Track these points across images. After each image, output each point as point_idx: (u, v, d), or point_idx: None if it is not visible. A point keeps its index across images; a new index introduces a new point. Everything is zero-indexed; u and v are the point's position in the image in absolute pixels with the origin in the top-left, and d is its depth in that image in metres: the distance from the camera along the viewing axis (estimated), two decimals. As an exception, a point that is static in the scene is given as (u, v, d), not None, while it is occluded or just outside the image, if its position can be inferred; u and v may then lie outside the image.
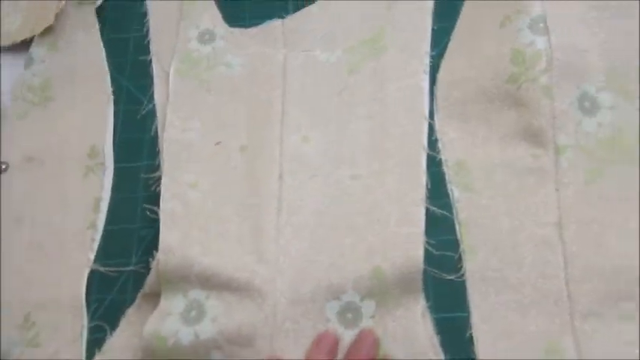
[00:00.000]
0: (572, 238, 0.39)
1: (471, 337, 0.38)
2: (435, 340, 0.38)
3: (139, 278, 0.42)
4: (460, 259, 0.40)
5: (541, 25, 0.43)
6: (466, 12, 0.48)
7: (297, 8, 0.50)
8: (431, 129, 0.44)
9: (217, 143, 0.45)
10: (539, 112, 0.42)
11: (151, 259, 0.40)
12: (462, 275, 0.40)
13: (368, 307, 0.39)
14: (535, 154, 0.42)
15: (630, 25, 0.43)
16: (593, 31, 0.43)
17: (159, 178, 0.44)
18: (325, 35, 0.48)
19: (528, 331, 0.38)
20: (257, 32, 0.50)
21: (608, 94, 0.42)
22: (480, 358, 0.37)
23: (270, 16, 0.51)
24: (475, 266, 0.40)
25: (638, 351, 0.36)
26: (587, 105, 0.42)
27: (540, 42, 0.42)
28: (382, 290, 0.38)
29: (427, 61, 0.46)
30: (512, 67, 0.43)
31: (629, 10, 0.44)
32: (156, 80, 0.49)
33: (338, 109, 0.45)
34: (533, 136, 0.42)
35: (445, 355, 0.38)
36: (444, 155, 0.44)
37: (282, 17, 0.50)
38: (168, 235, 0.40)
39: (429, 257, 0.40)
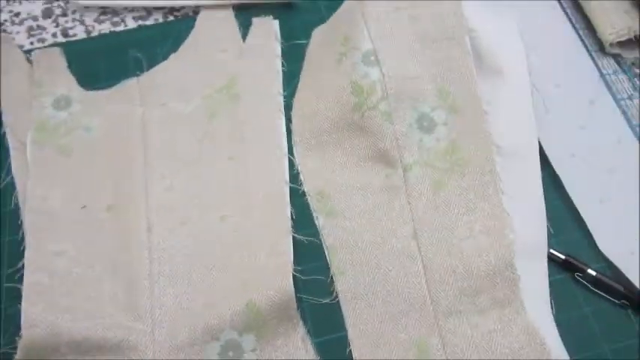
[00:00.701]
0: (427, 245, 0.43)
1: (350, 354, 0.40)
2: (312, 352, 0.40)
3: (7, 360, 0.40)
4: (332, 281, 0.43)
5: (372, 58, 0.47)
6: (310, 53, 0.52)
7: (150, 65, 0.52)
8: (291, 164, 0.47)
9: (83, 207, 0.45)
10: (383, 136, 0.46)
11: (17, 338, 0.39)
12: (336, 297, 0.42)
13: (248, 341, 0.40)
14: (387, 174, 0.46)
15: (451, 52, 0.48)
16: (420, 60, 0.48)
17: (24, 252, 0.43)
18: (180, 87, 0.50)
19: (400, 338, 0.40)
20: (113, 92, 0.50)
21: (442, 111, 0.47)
22: (359, 371, 0.40)
23: (125, 75, 0.52)
24: (346, 286, 0.42)
25: (497, 338, 0.40)
26: (426, 124, 0.47)
27: (374, 73, 0.47)
28: (259, 323, 0.40)
29: (281, 100, 0.49)
30: (354, 97, 0.47)
31: (449, 39, 0.49)
32: (12, 152, 0.48)
33: (200, 154, 0.47)
34: (382, 158, 0.46)
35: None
36: (306, 186, 0.47)
37: (138, 75, 0.51)
38: (30, 309, 0.39)
39: (302, 284, 0.42)
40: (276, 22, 0.53)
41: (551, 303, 0.42)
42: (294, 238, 0.43)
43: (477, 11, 0.50)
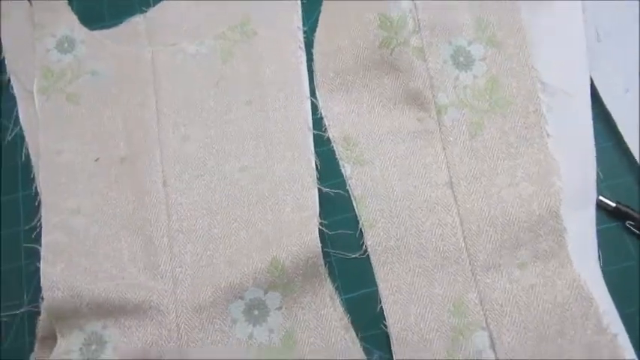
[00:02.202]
0: (464, 194, 0.40)
1: (382, 310, 0.38)
2: (347, 320, 0.38)
3: (35, 319, 0.39)
4: (361, 235, 0.40)
5: (403, -14, 0.42)
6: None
7: (157, 0, 0.48)
8: (314, 107, 0.44)
9: (96, 160, 0.42)
10: (415, 74, 0.42)
11: (42, 298, 0.38)
12: (365, 251, 0.40)
13: (273, 299, 0.38)
14: (419, 117, 0.42)
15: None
16: (457, -16, 0.43)
17: (39, 208, 0.41)
18: (190, 25, 0.46)
19: (434, 293, 0.38)
20: (119, 31, 0.47)
21: (480, 45, 0.42)
22: (391, 329, 0.37)
23: (130, 12, 0.48)
24: (376, 239, 0.40)
25: (539, 293, 0.37)
26: (462, 60, 0.42)
27: (404, 3, 0.42)
28: (284, 280, 0.38)
29: (300, 36, 0.45)
30: (382, 32, 0.42)
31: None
32: (19, 101, 0.45)
33: (216, 100, 0.44)
34: (414, 99, 0.42)
35: (358, 332, 0.38)
36: (331, 132, 0.43)
37: (144, 11, 0.47)
38: (50, 270, 0.38)
39: (329, 239, 0.40)
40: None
41: (599, 254, 0.39)
42: (319, 190, 0.40)
43: None
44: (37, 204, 0.42)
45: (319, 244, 0.38)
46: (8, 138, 0.44)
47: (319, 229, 0.39)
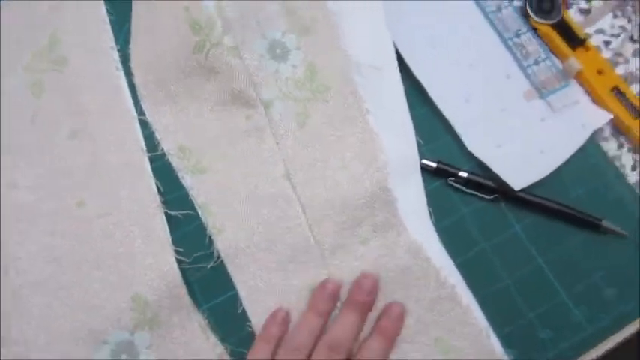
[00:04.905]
0: (302, 183, 0.41)
1: (244, 311, 0.40)
2: (222, 349, 0.39)
3: None
4: (211, 243, 0.41)
5: (205, -11, 0.42)
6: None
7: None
8: (143, 125, 0.43)
9: None
10: (233, 74, 0.42)
11: None
12: (219, 257, 0.40)
13: (141, 338, 0.38)
14: (247, 116, 0.43)
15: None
16: (258, -23, 0.43)
17: None
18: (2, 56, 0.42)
19: (291, 284, 0.40)
20: None
21: (293, 35, 0.43)
22: (255, 327, 0.39)
23: None
24: (226, 244, 0.41)
25: (383, 263, 0.40)
26: (279, 52, 0.43)
27: (210, 5, 0.42)
28: (149, 316, 0.37)
29: (115, 55, 0.43)
30: (194, 36, 0.42)
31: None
32: None
33: (36, 138, 0.41)
34: (239, 98, 0.43)
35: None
36: (164, 145, 0.42)
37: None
38: None
39: (184, 254, 0.40)
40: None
41: (429, 212, 0.42)
42: (166, 213, 0.40)
43: None
44: None
45: (179, 272, 0.38)
46: None
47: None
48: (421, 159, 0.43)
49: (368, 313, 0.38)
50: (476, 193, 0.43)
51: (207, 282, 0.40)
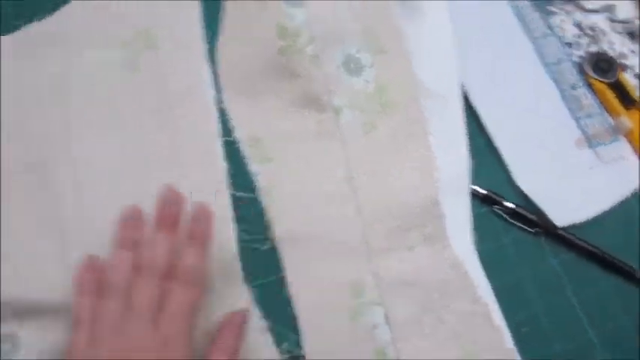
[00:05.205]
0: (361, 187, 0.44)
1: (289, 295, 0.42)
2: (263, 323, 0.41)
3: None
4: (268, 227, 0.43)
5: (296, -2, 0.46)
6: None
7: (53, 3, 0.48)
8: (221, 111, 0.46)
9: None
10: (312, 80, 0.46)
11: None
12: (274, 241, 0.43)
13: None
14: (318, 119, 0.46)
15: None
16: (345, -2, 0.48)
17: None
18: (96, 31, 0.46)
19: (335, 276, 0.42)
20: (19, 38, 0.46)
21: (367, 53, 0.47)
22: (298, 310, 0.41)
23: (27, 15, 0.47)
24: (283, 229, 0.43)
25: (426, 272, 0.42)
26: (353, 66, 0.47)
27: (299, 15, 0.46)
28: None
29: (203, 47, 0.47)
30: (280, 41, 0.46)
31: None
32: None
33: (124, 112, 0.44)
34: (313, 102, 0.46)
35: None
36: (238, 133, 0.46)
37: (42, 18, 0.47)
38: None
39: (240, 234, 0.43)
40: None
41: (473, 234, 0.45)
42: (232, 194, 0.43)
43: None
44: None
45: (236, 247, 0.41)
46: None
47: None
48: (472, 184, 0.46)
49: (177, 225, 0.37)
50: (519, 224, 0.45)
51: (260, 262, 0.43)
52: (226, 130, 0.46)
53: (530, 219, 0.45)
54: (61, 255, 0.40)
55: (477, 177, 0.46)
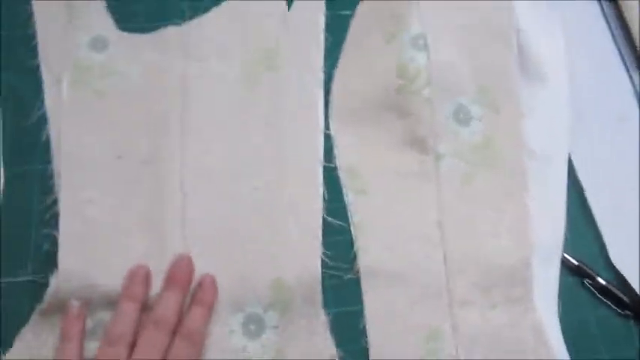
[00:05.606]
0: (451, 234, 0.44)
1: (364, 328, 0.42)
2: (334, 352, 0.41)
3: (35, 290, 0.41)
4: (354, 258, 0.44)
5: (420, 42, 0.47)
6: (354, 27, 0.51)
7: (191, 10, 0.51)
8: (326, 137, 0.47)
9: (118, 157, 0.44)
10: (421, 122, 0.46)
11: (50, 274, 0.40)
12: (357, 272, 0.43)
13: (271, 317, 0.41)
14: (419, 160, 0.47)
15: (497, 48, 0.49)
16: (466, 51, 0.48)
17: (53, 187, 0.43)
18: (222, 46, 0.49)
19: (414, 319, 0.42)
20: (153, 39, 0.49)
21: (479, 107, 0.48)
22: (371, 346, 0.41)
23: (164, 20, 0.50)
24: (369, 263, 0.44)
25: (506, 332, 0.42)
26: (462, 116, 0.47)
27: (421, 58, 0.47)
28: (284, 300, 0.41)
29: (321, 75, 0.49)
30: (399, 80, 0.47)
31: (496, 36, 0.49)
32: (46, 88, 0.47)
33: (238, 119, 0.47)
34: (417, 144, 0.47)
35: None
36: (339, 161, 0.47)
37: (178, 23, 0.50)
38: (67, 259, 0.40)
39: (327, 259, 0.43)
40: (324, -7, 0.52)
41: (558, 304, 0.44)
42: (324, 218, 0.44)
43: (526, 10, 0.50)
44: (51, 185, 0.44)
45: (320, 271, 0.42)
46: (33, 118, 0.46)
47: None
48: (564, 252, 0.45)
49: (188, 288, 0.40)
50: (608, 302, 0.44)
51: (340, 291, 0.43)
52: (328, 156, 0.47)
53: (621, 299, 0.44)
54: (157, 253, 0.41)
55: (570, 246, 0.46)
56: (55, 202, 0.43)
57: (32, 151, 0.45)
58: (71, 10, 0.49)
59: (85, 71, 0.47)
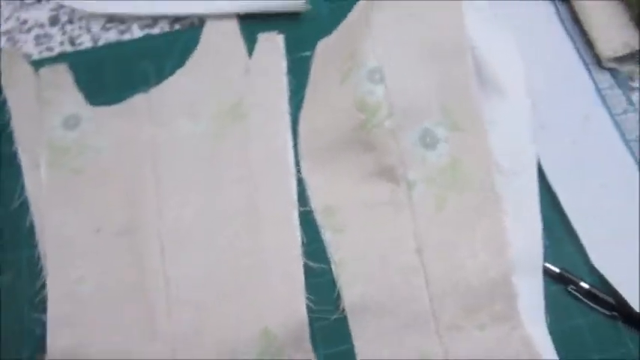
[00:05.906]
0: (431, 260, 0.45)
1: (357, 365, 0.43)
2: None
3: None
4: (338, 296, 0.45)
5: (377, 76, 0.48)
6: (315, 67, 0.53)
7: (158, 78, 0.53)
8: (298, 181, 0.49)
9: (97, 231, 0.46)
10: (388, 152, 0.47)
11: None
12: (343, 311, 0.44)
13: None
14: (391, 189, 0.47)
15: (454, 67, 0.49)
16: (424, 75, 0.49)
17: (41, 270, 0.45)
18: (189, 105, 0.51)
19: (404, 348, 0.43)
20: (122, 109, 0.51)
21: (443, 128, 0.48)
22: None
23: (132, 88, 0.52)
24: (354, 300, 0.45)
25: (497, 351, 0.42)
26: (428, 140, 0.48)
27: (379, 90, 0.48)
28: (273, 351, 0.42)
29: (288, 118, 0.50)
30: (360, 114, 0.48)
31: (452, 55, 0.49)
32: (25, 172, 0.49)
33: (209, 175, 0.48)
34: (388, 174, 0.48)
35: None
36: (313, 202, 0.48)
37: (145, 89, 0.52)
38: (56, 342, 0.42)
39: (311, 302, 0.44)
40: (282, 38, 0.54)
41: (545, 314, 0.44)
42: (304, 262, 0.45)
43: (478, 26, 0.51)
44: (39, 268, 0.46)
45: (306, 316, 0.43)
46: (15, 205, 0.48)
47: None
48: (545, 261, 0.46)
49: None
50: (595, 306, 0.45)
51: (328, 332, 0.44)
52: (302, 199, 0.48)
53: (607, 301, 0.44)
54: (146, 321, 0.43)
55: (550, 254, 0.46)
56: (43, 285, 0.44)
57: (17, 236, 0.47)
58: (42, 93, 0.51)
59: (61, 151, 0.49)
